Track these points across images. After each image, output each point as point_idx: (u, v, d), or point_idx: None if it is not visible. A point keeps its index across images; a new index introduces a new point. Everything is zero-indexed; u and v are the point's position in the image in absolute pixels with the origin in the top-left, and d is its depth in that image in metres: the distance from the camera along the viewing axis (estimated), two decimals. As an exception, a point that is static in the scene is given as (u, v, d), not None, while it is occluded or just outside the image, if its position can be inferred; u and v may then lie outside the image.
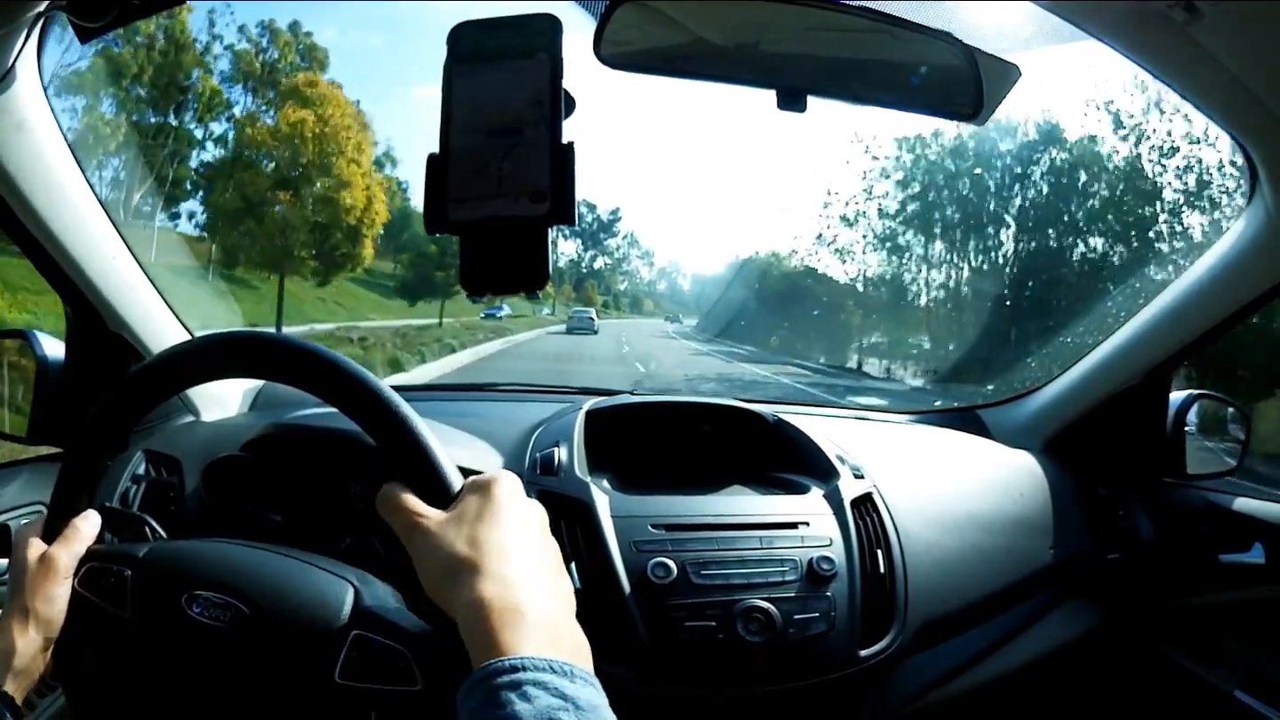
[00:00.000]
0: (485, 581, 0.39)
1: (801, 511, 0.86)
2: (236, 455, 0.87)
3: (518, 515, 0.44)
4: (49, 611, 0.49)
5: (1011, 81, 0.70)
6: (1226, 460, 1.08)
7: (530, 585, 0.40)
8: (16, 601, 0.49)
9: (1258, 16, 0.60)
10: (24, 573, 0.50)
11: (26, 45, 0.65)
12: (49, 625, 0.49)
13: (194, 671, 0.47)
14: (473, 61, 0.42)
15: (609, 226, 39.05)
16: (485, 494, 0.45)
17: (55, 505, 0.53)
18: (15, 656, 0.47)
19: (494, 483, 0.45)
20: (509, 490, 0.45)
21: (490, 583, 0.39)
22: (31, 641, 0.48)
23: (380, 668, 0.44)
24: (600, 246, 39.12)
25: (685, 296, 39.30)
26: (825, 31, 0.62)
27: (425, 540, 0.43)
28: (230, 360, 0.52)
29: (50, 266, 0.83)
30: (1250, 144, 0.79)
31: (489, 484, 0.45)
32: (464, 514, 0.44)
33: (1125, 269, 12.29)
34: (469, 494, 0.45)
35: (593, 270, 36.78)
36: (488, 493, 0.45)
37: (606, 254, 38.76)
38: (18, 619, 0.48)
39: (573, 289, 34.99)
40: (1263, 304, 0.93)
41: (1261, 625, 0.99)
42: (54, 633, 0.49)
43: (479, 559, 0.40)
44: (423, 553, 0.43)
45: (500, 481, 0.46)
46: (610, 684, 0.76)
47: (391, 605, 0.48)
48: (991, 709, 0.94)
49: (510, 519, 0.44)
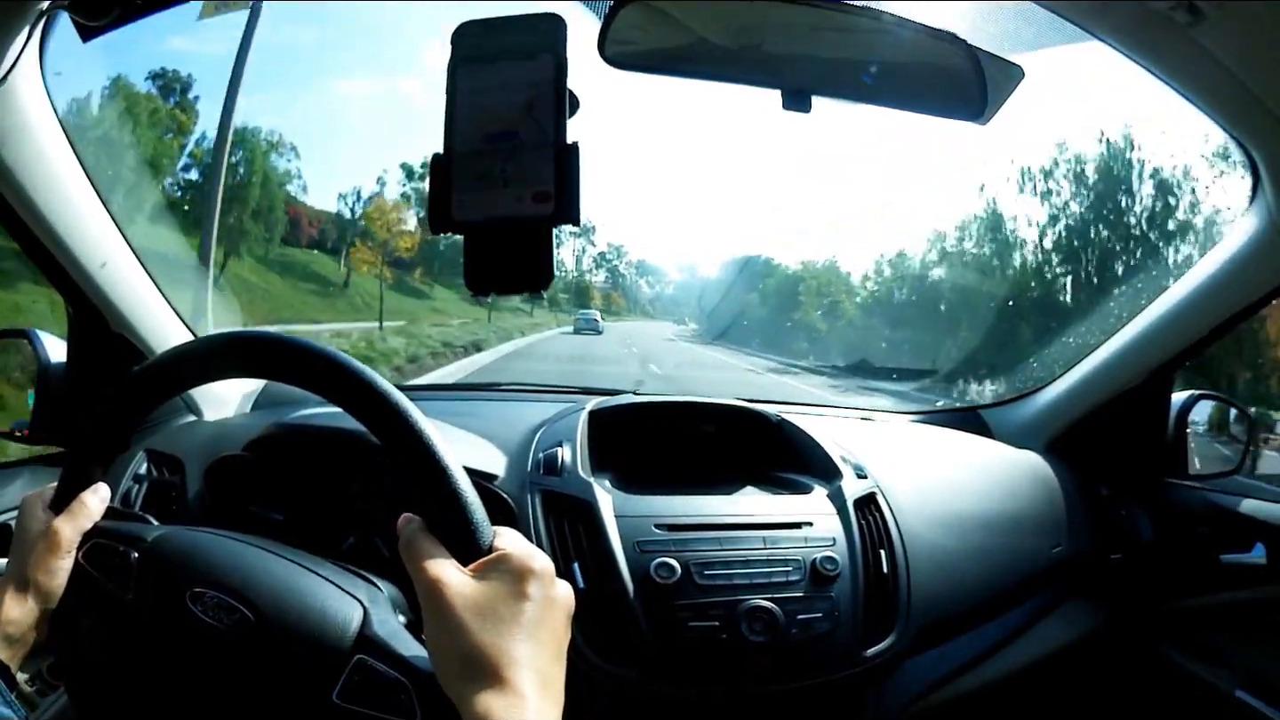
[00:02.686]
0: (499, 693, 0.39)
1: (805, 512, 0.86)
2: (239, 455, 0.87)
3: (544, 615, 0.42)
4: (49, 583, 0.48)
5: (1015, 82, 0.70)
6: (1228, 460, 1.08)
7: (540, 697, 0.39)
8: (17, 570, 0.48)
9: (1260, 19, 0.60)
10: (27, 542, 0.49)
11: (29, 44, 0.65)
12: (48, 597, 0.48)
13: (190, 667, 0.46)
14: (476, 62, 0.42)
15: (608, 253, 39.72)
16: (516, 583, 0.42)
17: (65, 476, 0.52)
18: (11, 625, 0.46)
19: (528, 574, 0.43)
20: (541, 584, 0.43)
21: (503, 695, 0.39)
22: (29, 611, 0.47)
23: (380, 696, 0.43)
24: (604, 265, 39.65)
25: (685, 298, 39.50)
26: (830, 32, 0.62)
27: (445, 618, 0.41)
28: (235, 360, 0.52)
29: (52, 266, 0.83)
30: (1252, 146, 0.79)
31: (523, 573, 0.43)
32: (490, 603, 0.41)
33: (1127, 270, 12.30)
34: (500, 574, 0.43)
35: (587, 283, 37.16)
36: (520, 583, 0.42)
37: (606, 268, 39.21)
38: (17, 588, 0.47)
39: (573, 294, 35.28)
40: (1264, 305, 0.93)
41: (1263, 626, 0.99)
42: (53, 604, 0.48)
43: (497, 664, 0.39)
44: (440, 629, 0.41)
45: (535, 572, 0.43)
46: (614, 684, 0.76)
47: (399, 633, 0.47)
48: (993, 708, 0.95)
49: (536, 620, 0.42)
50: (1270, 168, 0.80)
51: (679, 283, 40.62)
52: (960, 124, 0.69)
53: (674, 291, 40.13)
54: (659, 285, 40.58)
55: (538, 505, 0.82)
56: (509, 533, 0.46)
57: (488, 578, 0.43)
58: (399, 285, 24.14)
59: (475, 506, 0.45)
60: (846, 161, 55.47)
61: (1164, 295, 1.02)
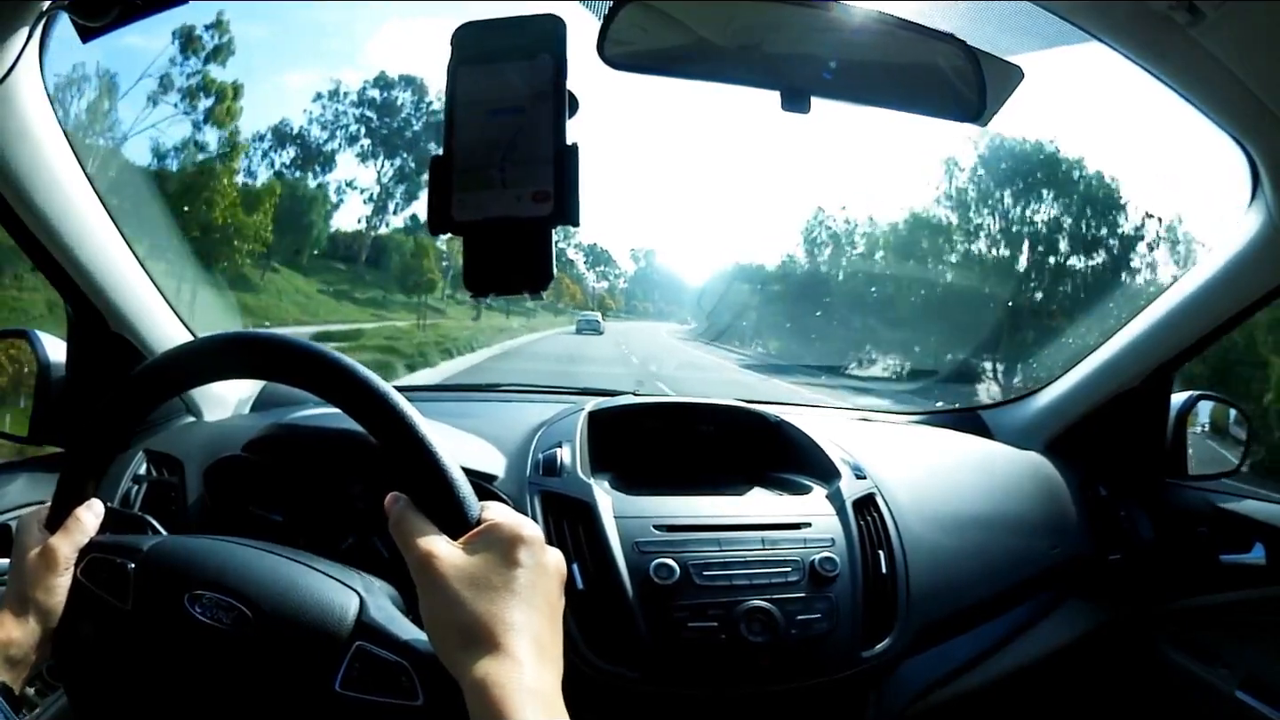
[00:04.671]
0: (496, 659, 0.39)
1: (804, 512, 0.86)
2: (238, 455, 0.87)
3: (536, 581, 0.43)
4: (49, 601, 0.48)
5: (1014, 83, 0.70)
6: (1228, 461, 1.08)
7: (538, 662, 0.40)
8: (16, 590, 0.48)
9: (1260, 19, 0.60)
10: (25, 561, 0.49)
11: (29, 44, 0.65)
12: (48, 616, 0.48)
13: (192, 670, 0.47)
14: (476, 62, 0.42)
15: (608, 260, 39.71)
16: (507, 551, 0.43)
17: (60, 494, 0.52)
18: (12, 646, 0.46)
19: (517, 542, 0.43)
20: (531, 551, 0.43)
21: (501, 661, 0.39)
22: (30, 631, 0.47)
23: (382, 681, 0.44)
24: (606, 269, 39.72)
25: (686, 299, 39.45)
26: (829, 32, 0.62)
27: (439, 591, 0.41)
28: (233, 361, 0.52)
29: (52, 266, 0.83)
30: (1251, 145, 0.79)
31: (512, 541, 0.43)
32: (482, 572, 0.42)
33: (1127, 271, 12.31)
34: (490, 544, 0.43)
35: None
36: (510, 551, 0.43)
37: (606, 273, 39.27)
38: (17, 608, 0.47)
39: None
40: (1264, 305, 0.93)
41: (1263, 626, 0.99)
42: (53, 623, 0.48)
43: (492, 632, 0.40)
44: (434, 603, 0.41)
45: (524, 539, 0.43)
46: (613, 685, 0.76)
47: (396, 618, 0.47)
48: (993, 709, 0.95)
49: (529, 585, 0.42)
50: (1270, 168, 0.80)
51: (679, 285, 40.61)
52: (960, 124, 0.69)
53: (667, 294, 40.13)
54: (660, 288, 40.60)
55: (537, 506, 0.82)
56: (497, 505, 0.47)
57: (478, 548, 0.43)
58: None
59: (461, 481, 0.46)
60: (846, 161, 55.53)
61: (1164, 295, 1.02)
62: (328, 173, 23.49)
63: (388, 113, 24.59)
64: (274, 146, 21.98)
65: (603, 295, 36.30)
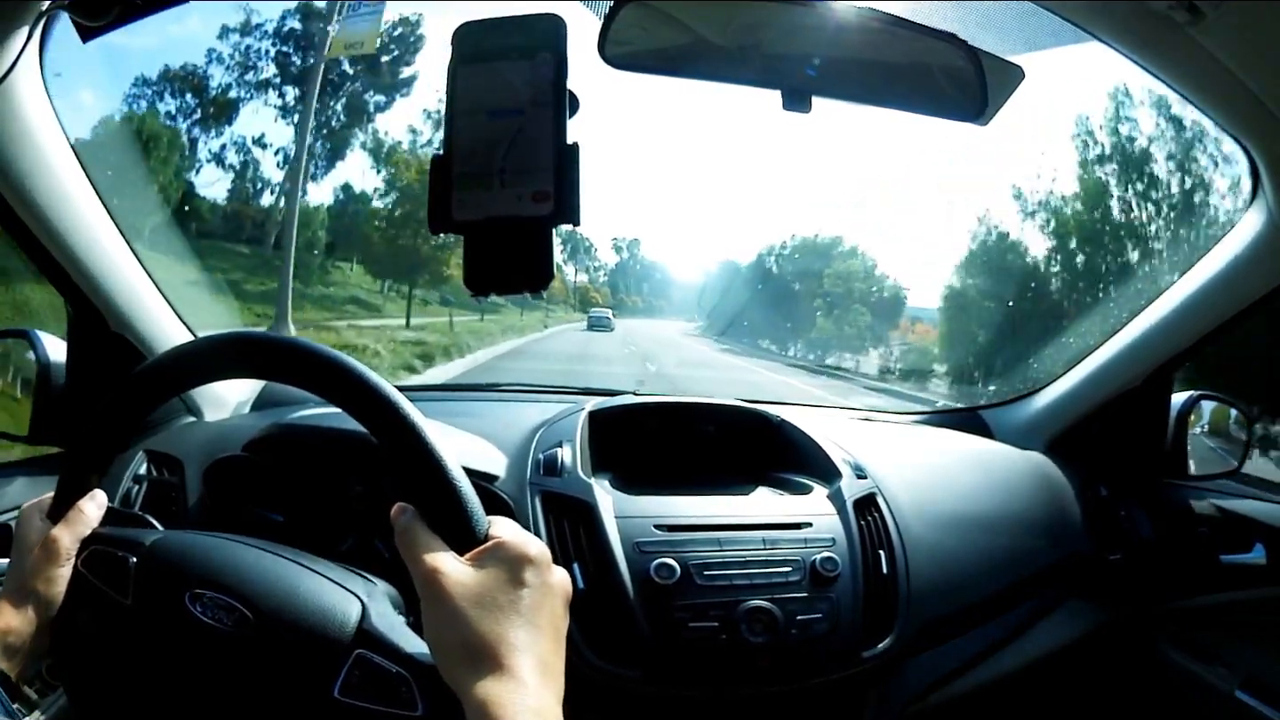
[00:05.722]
0: (499, 679, 0.39)
1: (804, 512, 0.86)
2: (238, 455, 0.87)
3: (541, 601, 0.43)
4: (49, 592, 0.48)
5: (1015, 83, 0.70)
6: (1228, 461, 1.08)
7: (540, 682, 0.40)
8: (16, 580, 0.48)
9: (1260, 18, 0.60)
10: (26, 552, 0.49)
11: (29, 44, 0.65)
12: (48, 606, 0.48)
13: (190, 667, 0.46)
14: (476, 62, 0.42)
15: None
16: (513, 570, 0.43)
17: (62, 485, 0.52)
18: (11, 635, 0.46)
19: (524, 561, 0.43)
20: (537, 570, 0.43)
21: (504, 681, 0.39)
22: (30, 621, 0.47)
23: (381, 689, 0.44)
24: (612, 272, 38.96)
25: (677, 294, 39.34)
26: (830, 32, 0.62)
27: (444, 608, 0.41)
28: (234, 361, 0.52)
29: (52, 266, 0.83)
30: (1252, 145, 0.79)
31: (519, 560, 0.43)
32: (488, 591, 0.42)
33: (1128, 270, 12.30)
34: (496, 561, 0.43)
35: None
36: (517, 570, 0.43)
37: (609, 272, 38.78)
38: (17, 598, 0.47)
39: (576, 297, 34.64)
40: (1264, 305, 0.93)
41: (1263, 626, 0.99)
42: (53, 613, 0.48)
43: (497, 651, 0.40)
44: (439, 619, 0.41)
45: (531, 559, 0.43)
46: (614, 685, 0.76)
47: (398, 625, 0.47)
48: (993, 709, 0.94)
49: (534, 606, 0.42)
50: (1270, 168, 0.80)
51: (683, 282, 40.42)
52: (961, 124, 0.69)
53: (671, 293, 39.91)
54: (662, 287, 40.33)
55: (538, 506, 0.82)
56: (504, 521, 0.47)
57: (484, 566, 0.43)
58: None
59: (470, 496, 0.45)
60: (846, 159, 55.54)
61: (1164, 295, 1.02)
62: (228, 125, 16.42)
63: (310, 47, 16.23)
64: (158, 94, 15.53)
65: (584, 289, 35.21)
